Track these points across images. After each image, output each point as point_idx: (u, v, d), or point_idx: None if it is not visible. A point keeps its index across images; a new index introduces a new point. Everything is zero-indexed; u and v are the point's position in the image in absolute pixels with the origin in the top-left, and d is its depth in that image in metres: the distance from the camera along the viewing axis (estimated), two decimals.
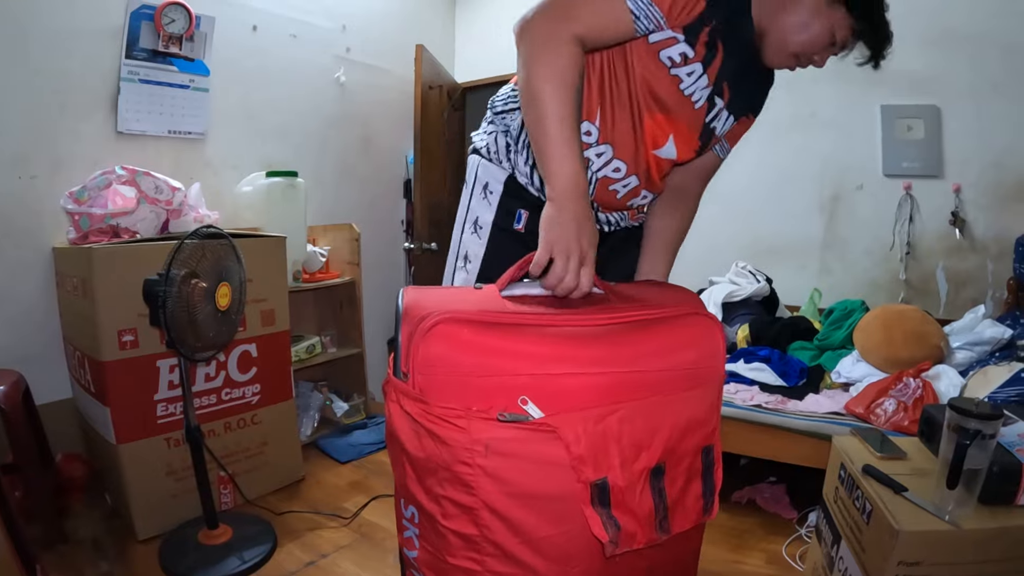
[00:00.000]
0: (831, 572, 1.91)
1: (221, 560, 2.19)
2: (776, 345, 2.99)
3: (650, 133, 1.49)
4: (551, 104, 1.26)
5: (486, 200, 1.67)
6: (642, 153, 1.51)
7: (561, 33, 1.28)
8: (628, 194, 1.59)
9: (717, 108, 1.53)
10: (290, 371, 2.85)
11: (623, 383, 1.12)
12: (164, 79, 2.94)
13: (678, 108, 1.48)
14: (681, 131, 1.52)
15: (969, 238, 3.32)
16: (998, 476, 1.60)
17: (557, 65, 1.27)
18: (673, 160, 1.56)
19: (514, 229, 1.63)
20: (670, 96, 1.45)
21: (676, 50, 1.39)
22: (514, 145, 1.62)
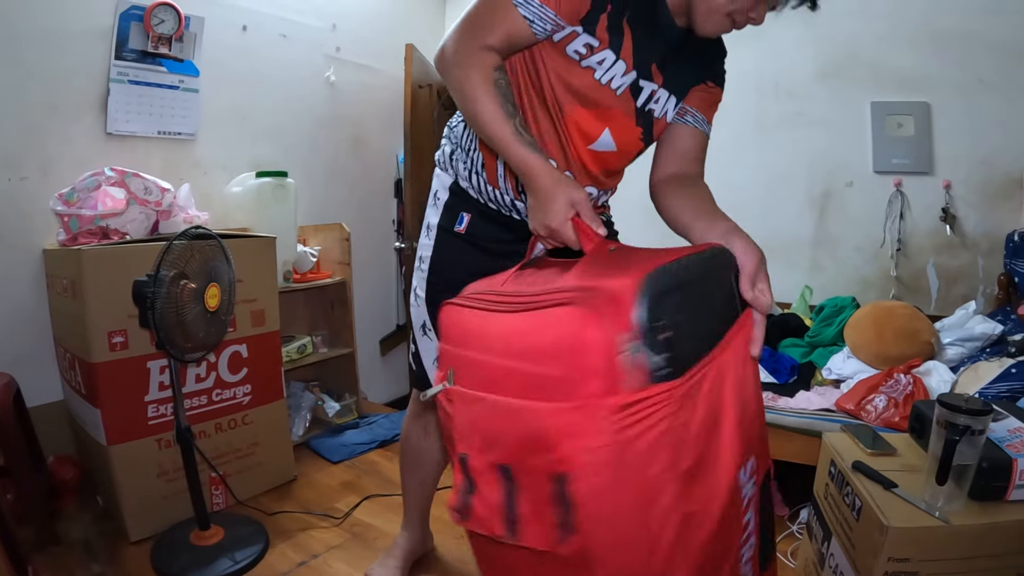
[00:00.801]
0: (822, 569, 1.92)
1: (213, 561, 2.19)
2: (767, 342, 2.97)
3: (575, 128, 1.53)
4: (487, 113, 1.35)
5: (435, 206, 1.77)
6: (571, 149, 1.56)
7: (474, 48, 1.37)
8: None
9: (647, 91, 1.54)
10: (281, 371, 2.85)
11: (494, 372, 1.09)
12: (153, 80, 2.93)
13: (602, 99, 1.51)
14: (616, 120, 1.55)
15: (960, 234, 3.32)
16: (988, 472, 1.61)
17: (478, 75, 1.36)
18: (614, 152, 1.59)
19: (456, 231, 1.71)
20: (588, 88, 1.49)
21: (579, 42, 1.43)
22: (458, 151, 1.70)
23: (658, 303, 0.99)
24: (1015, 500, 1.63)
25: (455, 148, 1.72)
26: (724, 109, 1.69)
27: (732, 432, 1.09)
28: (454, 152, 1.72)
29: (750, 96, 3.67)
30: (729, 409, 1.09)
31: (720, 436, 1.07)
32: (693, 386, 1.03)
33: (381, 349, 4.39)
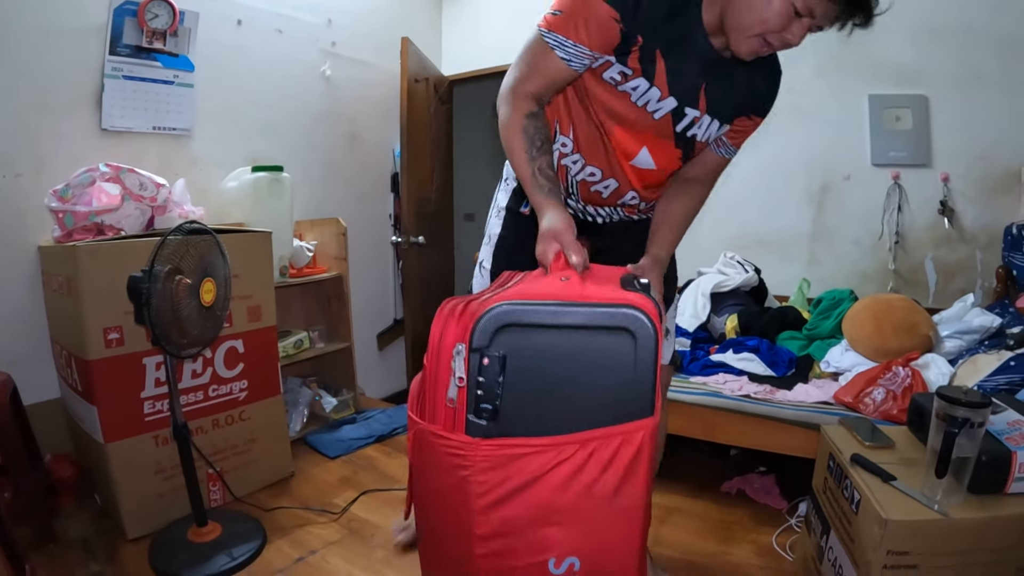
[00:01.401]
0: (821, 562, 1.92)
1: (210, 558, 2.18)
2: (765, 335, 2.99)
3: (618, 145, 1.67)
4: (515, 154, 1.55)
5: (505, 189, 1.96)
6: (616, 163, 1.70)
7: (517, 93, 1.56)
8: (613, 194, 1.77)
9: (690, 117, 1.63)
10: (277, 367, 2.84)
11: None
12: (148, 75, 2.92)
13: (639, 120, 1.62)
14: (652, 141, 1.66)
15: (958, 228, 3.32)
16: (987, 465, 1.61)
17: (514, 119, 1.55)
18: (654, 169, 1.71)
19: (522, 211, 1.88)
20: (627, 110, 1.61)
21: (614, 70, 1.56)
22: None
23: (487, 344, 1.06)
24: (1014, 493, 1.63)
25: None
26: None
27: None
28: None
29: None
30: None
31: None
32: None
33: (379, 344, 4.39)
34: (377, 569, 2.22)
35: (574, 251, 1.35)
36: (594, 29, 1.47)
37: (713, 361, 2.84)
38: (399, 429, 3.45)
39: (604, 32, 1.47)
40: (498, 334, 1.06)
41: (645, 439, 1.07)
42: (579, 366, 1.06)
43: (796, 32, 1.42)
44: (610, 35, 1.48)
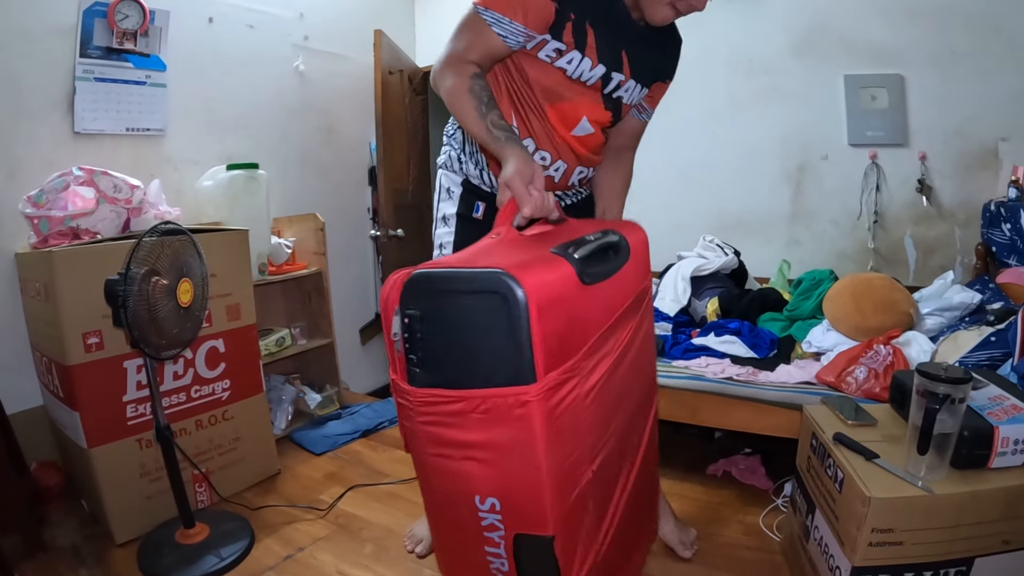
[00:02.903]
0: (807, 541, 1.93)
1: (199, 559, 2.18)
2: (746, 317, 2.99)
3: (557, 121, 1.77)
4: (467, 115, 1.56)
5: (450, 199, 2.00)
6: (557, 139, 1.80)
7: (461, 62, 1.60)
8: (563, 175, 1.89)
9: (616, 80, 1.77)
10: (259, 365, 2.83)
11: None
12: (120, 76, 2.90)
13: (575, 92, 1.75)
14: (588, 107, 1.78)
15: (936, 205, 3.34)
16: (970, 440, 1.62)
17: (458, 82, 1.57)
18: (592, 133, 1.84)
19: (474, 217, 1.95)
20: (562, 85, 1.73)
21: (549, 48, 1.66)
22: (464, 156, 1.96)
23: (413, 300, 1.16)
24: (997, 468, 1.64)
25: (460, 152, 1.97)
26: (698, 85, 1.81)
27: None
28: (460, 156, 1.97)
29: (723, 72, 3.66)
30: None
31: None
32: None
33: (361, 338, 4.39)
34: (366, 564, 2.22)
35: (525, 201, 1.39)
36: (532, 10, 1.57)
37: (695, 345, 2.84)
38: (385, 423, 3.45)
39: (540, 12, 1.58)
40: (418, 296, 1.15)
41: (530, 405, 1.11)
42: (474, 326, 1.13)
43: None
44: (546, 14, 1.59)
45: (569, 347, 1.21)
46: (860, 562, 1.61)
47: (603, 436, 1.39)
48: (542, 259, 1.24)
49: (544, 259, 1.24)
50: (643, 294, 1.72)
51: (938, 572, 1.63)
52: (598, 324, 1.35)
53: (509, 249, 1.31)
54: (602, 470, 1.37)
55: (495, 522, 1.22)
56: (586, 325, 1.30)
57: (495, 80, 1.75)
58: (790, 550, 2.13)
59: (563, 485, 1.22)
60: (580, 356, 1.24)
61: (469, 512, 1.23)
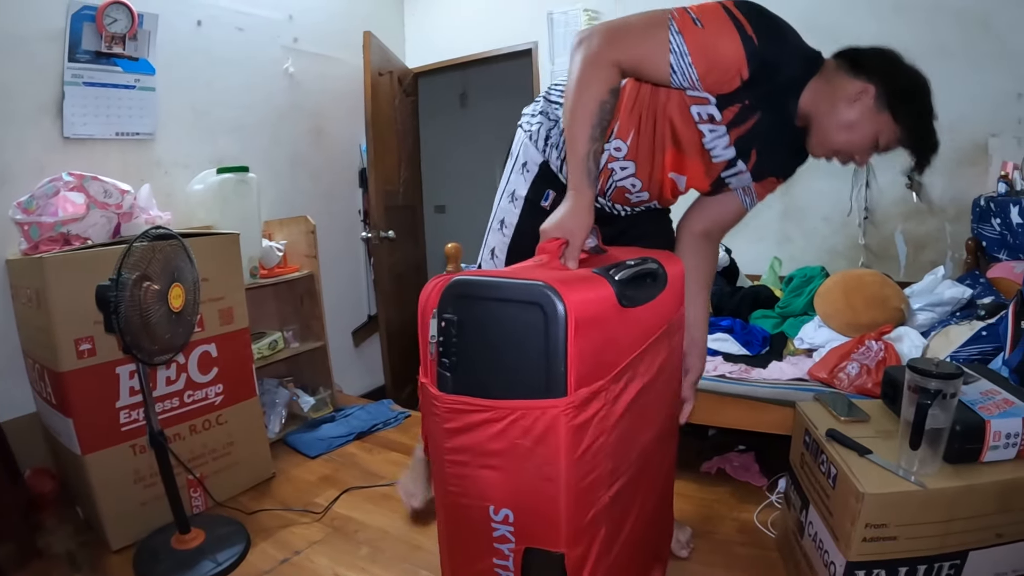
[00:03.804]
0: (802, 537, 1.93)
1: (195, 565, 2.17)
2: (738, 315, 3.01)
3: (668, 163, 1.71)
4: (579, 135, 1.46)
5: (523, 176, 1.91)
6: (657, 175, 1.74)
7: (605, 56, 1.47)
8: (638, 201, 1.86)
9: (737, 168, 1.70)
10: (252, 368, 2.82)
11: None
12: (109, 80, 2.89)
13: (695, 155, 1.67)
14: (696, 173, 1.72)
15: (926, 201, 3.35)
16: (961, 435, 1.63)
17: (595, 87, 1.46)
18: (681, 190, 1.81)
19: (542, 205, 1.88)
20: (691, 144, 1.65)
21: (705, 110, 1.57)
22: (555, 136, 1.84)
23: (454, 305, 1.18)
24: (990, 461, 1.65)
25: (551, 129, 1.85)
26: None
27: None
28: (550, 134, 1.85)
29: None
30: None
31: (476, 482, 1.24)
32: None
33: (354, 340, 4.39)
34: (362, 567, 2.22)
35: (571, 257, 1.41)
36: (717, 67, 1.46)
37: None
38: (378, 425, 3.45)
39: (722, 75, 1.46)
40: (457, 301, 1.17)
41: (557, 418, 1.13)
42: (509, 336, 1.16)
43: (865, 157, 1.59)
44: (726, 85, 1.48)
45: (601, 367, 1.23)
46: (854, 557, 1.61)
47: (625, 461, 1.40)
48: (584, 278, 1.27)
49: (586, 278, 1.27)
50: (677, 323, 1.75)
51: (932, 566, 1.64)
52: (632, 348, 1.37)
53: (551, 269, 1.34)
54: (619, 495, 1.38)
55: (507, 534, 1.24)
56: (620, 347, 1.31)
57: (636, 90, 1.65)
58: (785, 546, 2.13)
59: (580, 504, 1.22)
60: (611, 378, 1.25)
61: (482, 521, 1.25)
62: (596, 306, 1.21)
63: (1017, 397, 1.73)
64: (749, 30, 1.41)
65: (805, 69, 1.57)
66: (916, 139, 1.52)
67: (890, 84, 1.50)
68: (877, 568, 1.63)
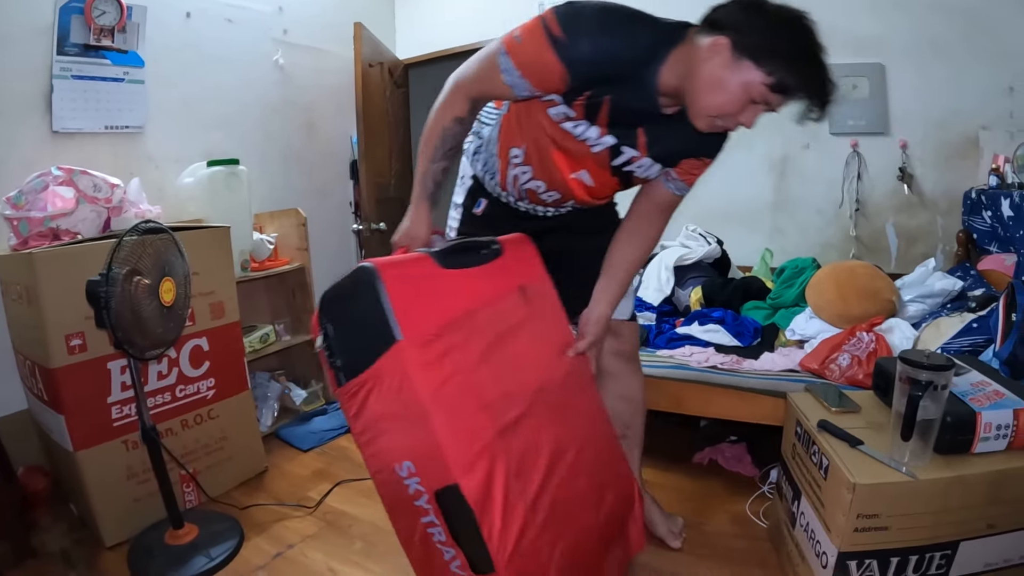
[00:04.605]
0: (793, 527, 1.94)
1: (189, 560, 2.17)
2: (729, 306, 3.01)
3: (560, 163, 1.76)
4: (423, 156, 1.69)
5: (462, 187, 2.08)
6: (558, 177, 1.79)
7: (459, 94, 1.66)
8: (555, 201, 1.90)
9: (627, 155, 1.71)
10: (244, 362, 2.82)
11: None
12: (98, 73, 2.88)
13: (578, 150, 1.71)
14: (590, 167, 1.76)
15: (917, 194, 3.39)
16: (952, 426, 1.63)
17: (442, 115, 1.67)
18: (594, 186, 1.82)
19: (474, 212, 2.03)
20: (567, 140, 1.70)
21: (559, 110, 1.64)
22: (482, 152, 1.96)
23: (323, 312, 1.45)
24: (981, 453, 1.66)
25: (480, 147, 1.97)
26: None
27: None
28: (478, 151, 1.97)
29: None
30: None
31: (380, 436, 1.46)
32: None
33: None
34: (356, 560, 2.23)
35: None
36: (543, 76, 1.52)
37: (679, 334, 2.85)
38: None
39: (550, 81, 1.53)
40: (325, 310, 1.45)
41: (403, 360, 1.38)
42: (356, 315, 1.43)
43: (749, 116, 1.47)
44: (556, 84, 1.54)
45: (437, 314, 1.48)
46: (846, 547, 1.63)
47: (503, 401, 1.55)
48: (405, 256, 1.61)
49: (407, 256, 1.61)
50: (537, 290, 1.87)
51: (924, 556, 1.65)
52: (470, 301, 1.59)
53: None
54: (512, 433, 1.52)
55: (417, 487, 1.42)
56: (454, 299, 1.55)
57: (518, 106, 1.77)
58: (777, 536, 2.14)
59: (457, 435, 1.40)
60: (448, 324, 1.49)
61: (397, 485, 1.44)
62: (410, 268, 1.52)
63: (1008, 389, 1.74)
64: (561, 36, 1.46)
65: (653, 46, 1.51)
66: (788, 80, 1.38)
67: (744, 29, 1.40)
68: (868, 558, 1.64)
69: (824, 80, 1.39)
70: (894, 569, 1.66)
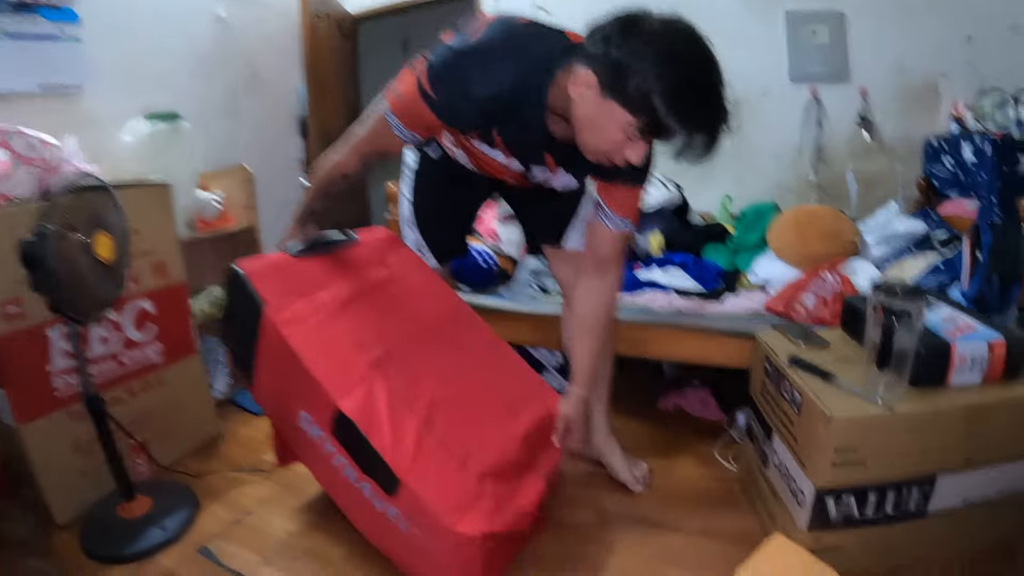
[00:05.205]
0: (766, 467, 1.92)
1: (143, 533, 2.08)
2: (691, 250, 2.97)
3: (486, 167, 1.88)
4: (309, 195, 2.01)
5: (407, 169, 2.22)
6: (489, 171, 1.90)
7: (352, 152, 1.84)
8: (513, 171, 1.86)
9: (539, 175, 1.81)
10: (191, 324, 2.70)
11: None
12: (31, 31, 2.74)
13: (495, 163, 1.80)
14: (514, 177, 1.87)
15: (877, 140, 3.38)
16: (927, 358, 1.61)
17: (332, 176, 1.91)
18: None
19: (432, 157, 2.08)
20: (481, 154, 1.81)
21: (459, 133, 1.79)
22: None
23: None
24: (956, 386, 1.65)
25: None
26: None
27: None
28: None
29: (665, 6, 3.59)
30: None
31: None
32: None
33: None
34: (315, 521, 2.16)
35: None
36: (429, 127, 1.64)
37: (640, 280, 2.80)
38: None
39: (436, 130, 1.73)
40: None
41: (268, 319, 1.71)
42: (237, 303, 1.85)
43: (634, 153, 1.40)
44: (442, 130, 1.76)
45: (296, 287, 1.81)
46: (823, 483, 1.60)
47: (374, 339, 1.80)
48: (268, 257, 1.97)
49: (269, 256, 1.96)
50: (400, 263, 2.13)
51: (901, 491, 1.64)
52: (326, 274, 1.91)
53: None
54: (387, 363, 1.74)
55: (317, 432, 1.68)
56: (309, 276, 1.87)
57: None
58: (747, 478, 2.13)
59: (330, 368, 1.65)
60: (304, 290, 1.81)
61: (306, 440, 1.72)
62: (271, 260, 1.91)
63: (978, 322, 1.73)
64: (431, 94, 1.51)
65: (523, 85, 1.48)
66: (659, 124, 1.28)
67: (610, 64, 1.30)
68: (846, 494, 1.62)
69: (706, 120, 1.29)
70: (873, 505, 1.64)
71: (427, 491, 1.53)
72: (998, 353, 1.65)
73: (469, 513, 1.53)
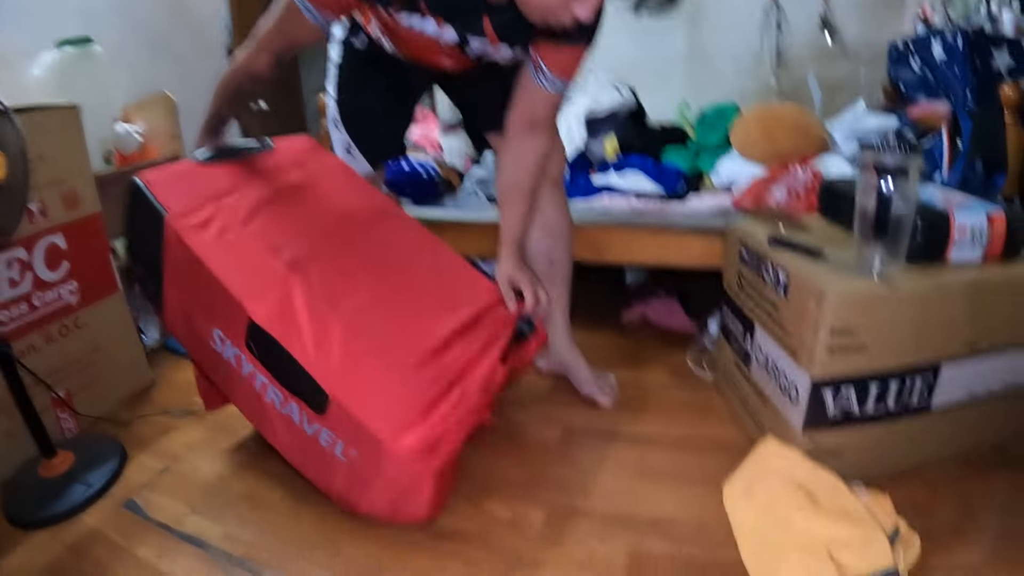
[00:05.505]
0: (748, 366, 1.78)
1: (64, 491, 1.90)
2: (649, 154, 2.80)
3: (416, 51, 1.76)
4: (213, 102, 1.88)
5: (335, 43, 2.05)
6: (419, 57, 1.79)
7: (261, 48, 1.69)
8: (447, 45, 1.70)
9: (477, 47, 1.64)
10: (110, 260, 2.46)
11: None
12: None
13: (425, 43, 1.66)
14: (449, 55, 1.72)
15: (840, 44, 3.31)
16: (925, 230, 1.48)
17: (240, 73, 1.78)
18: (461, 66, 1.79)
19: (356, 47, 1.96)
20: (409, 34, 1.65)
21: (381, 12, 1.61)
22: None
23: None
24: (956, 263, 1.52)
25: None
26: None
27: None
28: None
29: None
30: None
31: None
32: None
33: None
34: (249, 462, 2.01)
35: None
36: (339, 4, 1.53)
37: (595, 186, 2.64)
38: None
39: (347, 5, 1.56)
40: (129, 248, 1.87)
41: (170, 227, 1.57)
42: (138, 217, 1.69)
43: (585, 8, 1.31)
44: (353, 5, 1.57)
45: (201, 193, 1.67)
46: (820, 373, 1.46)
47: (290, 241, 1.66)
48: (172, 166, 1.88)
49: (173, 165, 1.88)
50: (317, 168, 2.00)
51: (904, 381, 1.51)
52: (233, 180, 1.77)
53: None
54: (305, 265, 1.61)
55: (233, 350, 1.54)
56: (208, 181, 1.74)
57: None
58: (726, 384, 2.01)
59: (243, 277, 1.52)
60: (211, 196, 1.67)
61: (225, 365, 1.59)
62: (174, 170, 1.81)
63: (971, 198, 1.62)
64: None
65: None
66: None
67: None
68: (845, 385, 1.48)
69: None
70: (874, 397, 1.51)
71: (359, 403, 1.39)
72: (998, 228, 1.52)
73: (410, 424, 1.40)
